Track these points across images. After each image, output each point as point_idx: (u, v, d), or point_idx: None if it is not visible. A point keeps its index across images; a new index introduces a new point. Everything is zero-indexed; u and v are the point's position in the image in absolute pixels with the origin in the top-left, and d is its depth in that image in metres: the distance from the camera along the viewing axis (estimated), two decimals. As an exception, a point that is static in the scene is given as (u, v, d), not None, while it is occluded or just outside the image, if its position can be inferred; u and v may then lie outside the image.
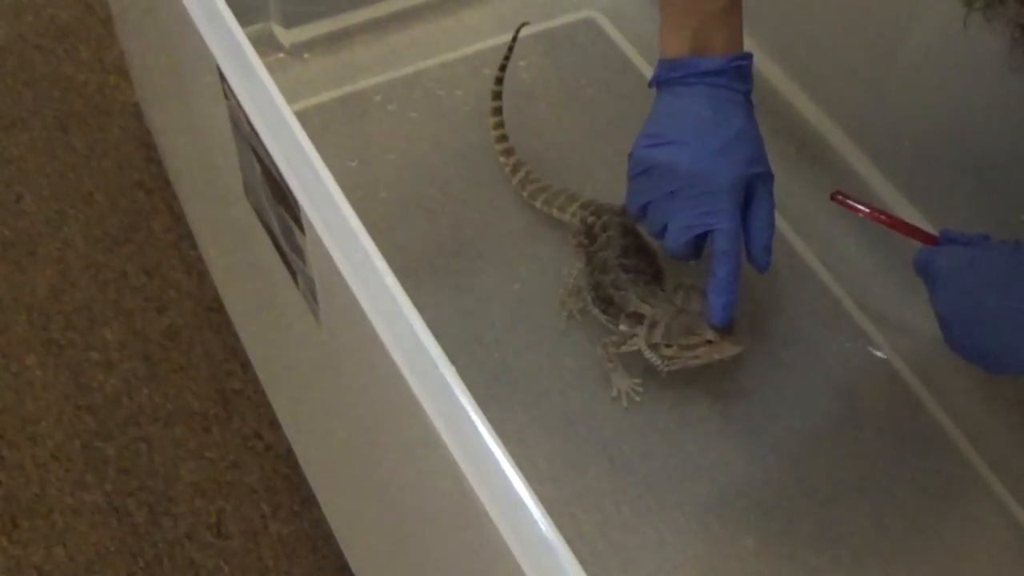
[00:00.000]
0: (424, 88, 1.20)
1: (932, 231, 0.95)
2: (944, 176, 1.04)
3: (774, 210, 0.93)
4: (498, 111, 1.11)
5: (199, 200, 1.24)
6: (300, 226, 0.69)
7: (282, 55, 1.23)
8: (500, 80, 1.10)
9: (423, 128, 1.16)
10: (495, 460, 0.56)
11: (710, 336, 0.90)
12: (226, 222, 1.04)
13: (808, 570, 0.89)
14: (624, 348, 0.95)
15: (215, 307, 1.30)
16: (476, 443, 0.56)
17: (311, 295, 0.75)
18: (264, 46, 1.22)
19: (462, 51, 1.23)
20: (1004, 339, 0.82)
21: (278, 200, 0.72)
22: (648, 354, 0.93)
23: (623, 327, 0.95)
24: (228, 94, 0.74)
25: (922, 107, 1.04)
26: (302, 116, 0.69)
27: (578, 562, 0.53)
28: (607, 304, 0.97)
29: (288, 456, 1.19)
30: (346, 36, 1.25)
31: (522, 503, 0.54)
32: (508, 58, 1.10)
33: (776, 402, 0.98)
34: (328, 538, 1.13)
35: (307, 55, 1.23)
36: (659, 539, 0.90)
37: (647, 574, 0.89)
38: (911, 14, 1.03)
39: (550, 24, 1.26)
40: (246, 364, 1.25)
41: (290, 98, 0.69)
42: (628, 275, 0.96)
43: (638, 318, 0.94)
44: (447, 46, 1.24)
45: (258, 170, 0.75)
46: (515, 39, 1.11)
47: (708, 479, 0.93)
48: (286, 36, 1.23)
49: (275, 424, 1.21)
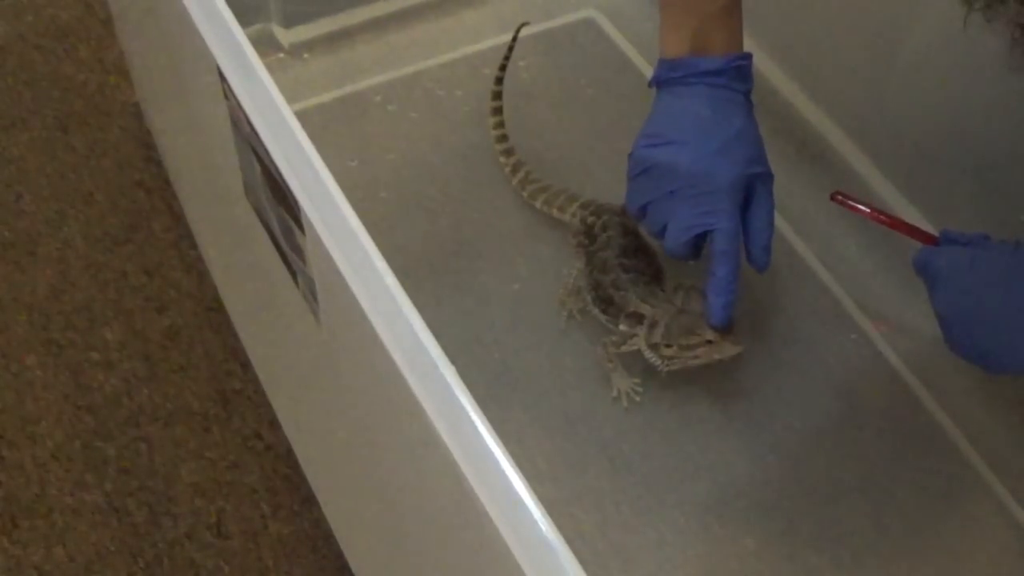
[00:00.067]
0: (424, 88, 1.20)
1: (932, 231, 0.95)
2: (944, 176, 1.04)
3: (774, 210, 0.93)
4: (498, 111, 1.11)
5: (199, 200, 1.24)
6: (300, 226, 0.69)
7: (282, 55, 1.23)
8: (500, 80, 1.10)
9: (423, 128, 1.16)
10: (495, 460, 0.56)
11: (710, 336, 0.90)
12: (226, 222, 1.04)
13: (808, 570, 0.89)
14: (624, 348, 0.95)
15: (215, 307, 1.30)
16: (476, 443, 0.56)
17: (311, 295, 0.75)
18: (264, 46, 1.22)
19: (462, 51, 1.23)
20: (1004, 339, 0.82)
21: (278, 200, 0.72)
22: (648, 354, 0.93)
23: (623, 327, 0.95)
24: (228, 94, 0.74)
25: (922, 107, 1.04)
26: (302, 116, 0.69)
27: (578, 562, 0.53)
28: (607, 304, 0.97)
29: (288, 456, 1.19)
30: (346, 36, 1.25)
31: (522, 503, 0.54)
32: (508, 58, 1.10)
33: (776, 402, 0.98)
34: (328, 538, 1.13)
35: (307, 55, 1.23)
36: (659, 539, 0.90)
37: (647, 574, 0.89)
38: (911, 14, 1.03)
39: (550, 24, 1.26)
40: (246, 364, 1.25)
41: (290, 98, 0.69)
42: (628, 275, 0.96)
43: (638, 318, 0.94)
44: (447, 46, 1.24)
45: (258, 170, 0.75)
46: (515, 39, 1.11)
47: (708, 479, 0.93)
48: (286, 36, 1.23)
49: (275, 424, 1.21)
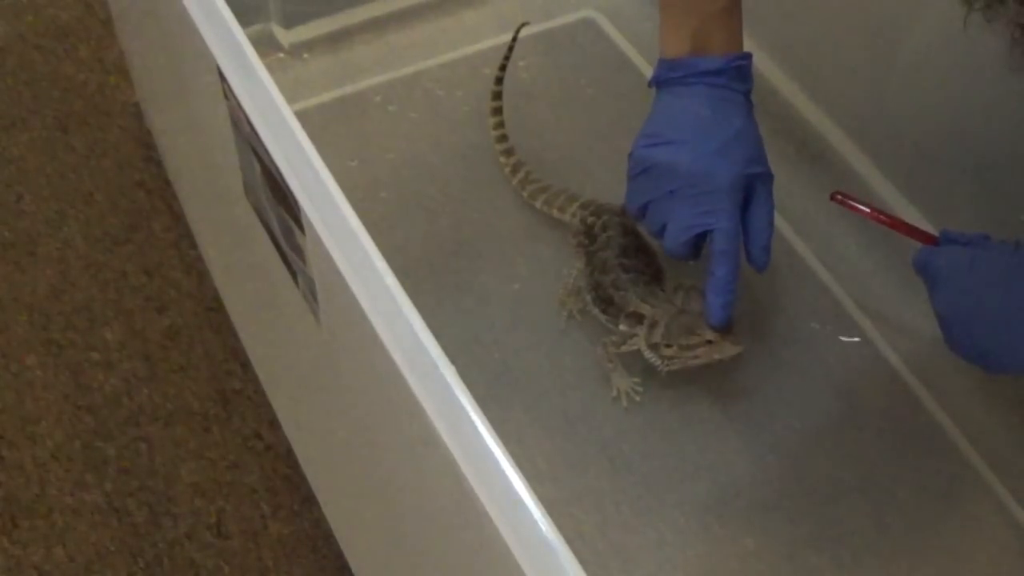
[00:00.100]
0: (424, 88, 1.20)
1: (932, 231, 0.95)
2: (944, 176, 1.04)
3: (773, 210, 0.93)
4: (498, 111, 1.11)
5: (199, 200, 1.24)
6: (300, 226, 0.69)
7: (282, 55, 1.23)
8: (500, 80, 1.10)
9: (423, 128, 1.16)
10: (495, 460, 0.56)
11: (710, 336, 0.90)
12: (226, 222, 1.04)
13: (808, 570, 0.89)
14: (624, 348, 0.95)
15: (215, 307, 1.30)
16: (476, 443, 0.56)
17: (311, 295, 0.75)
18: (264, 46, 1.22)
19: (462, 51, 1.23)
20: (1004, 339, 0.82)
21: (278, 200, 0.72)
22: (648, 354, 0.93)
23: (623, 327, 0.95)
24: (228, 94, 0.74)
25: (922, 107, 1.04)
26: (302, 116, 0.69)
27: (578, 562, 0.53)
28: (607, 304, 0.97)
29: (288, 456, 1.19)
30: (346, 36, 1.25)
31: (522, 503, 0.54)
32: (508, 58, 1.10)
33: (776, 402, 0.98)
34: (328, 538, 1.13)
35: (307, 55, 1.23)
36: (659, 539, 0.90)
37: (647, 574, 0.89)
38: (911, 14, 1.03)
39: (550, 24, 1.26)
40: (246, 364, 1.25)
41: (290, 98, 0.69)
42: (628, 275, 0.96)
43: (638, 318, 0.94)
44: (447, 46, 1.24)
45: (258, 170, 0.75)
46: (515, 39, 1.11)
47: (708, 479, 0.93)
48: (286, 36, 1.23)
49: (275, 424, 1.21)
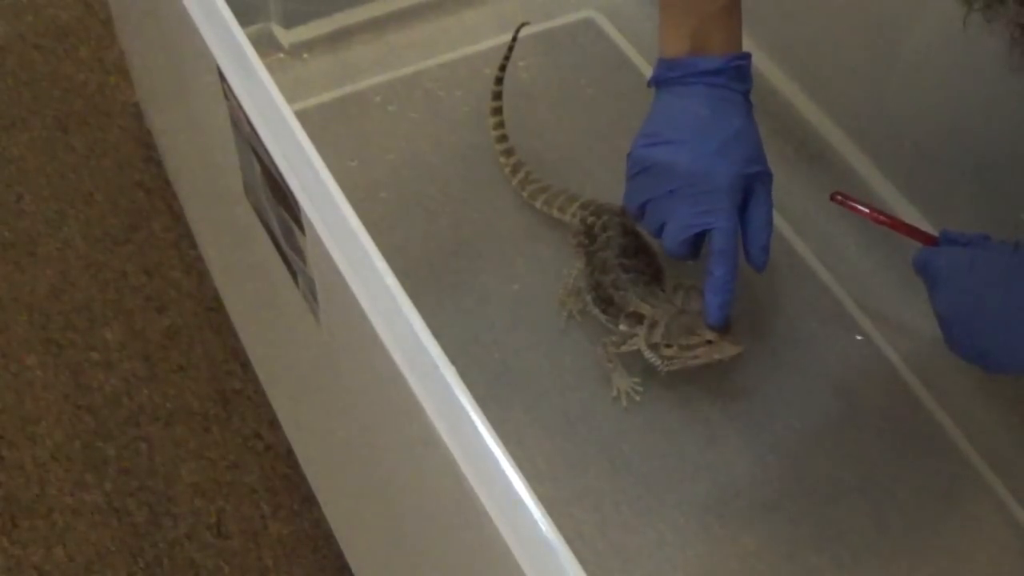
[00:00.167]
0: (424, 88, 1.20)
1: (932, 231, 0.95)
2: (944, 176, 1.04)
3: (772, 210, 0.93)
4: (498, 111, 1.11)
5: (199, 200, 1.24)
6: (300, 226, 0.69)
7: (282, 55, 1.23)
8: (500, 80, 1.10)
9: (423, 128, 1.16)
10: (495, 460, 0.56)
11: (710, 336, 0.90)
12: (226, 222, 1.04)
13: (808, 570, 0.89)
14: (624, 348, 0.95)
15: (215, 307, 1.30)
16: (476, 443, 0.56)
17: (311, 295, 0.75)
18: (264, 46, 1.22)
19: (462, 51, 1.23)
20: (1004, 339, 0.82)
21: (278, 200, 0.72)
22: (648, 354, 0.93)
23: (623, 327, 0.95)
24: (228, 94, 0.74)
25: (922, 107, 1.04)
26: (302, 116, 0.69)
27: (578, 562, 0.53)
28: (607, 304, 0.97)
29: (288, 456, 1.19)
30: (346, 36, 1.25)
31: (522, 503, 0.54)
32: (508, 58, 1.10)
33: (776, 402, 0.98)
34: (328, 538, 1.13)
35: (307, 55, 1.23)
36: (659, 539, 0.90)
37: (647, 574, 0.89)
38: (911, 14, 1.03)
39: (550, 24, 1.26)
40: (246, 364, 1.25)
41: (290, 98, 0.69)
42: (628, 275, 0.96)
43: (638, 318, 0.94)
44: (447, 46, 1.24)
45: (258, 170, 0.75)
46: (515, 39, 1.11)
47: (708, 479, 0.93)
48: (286, 36, 1.23)
49: (275, 424, 1.21)
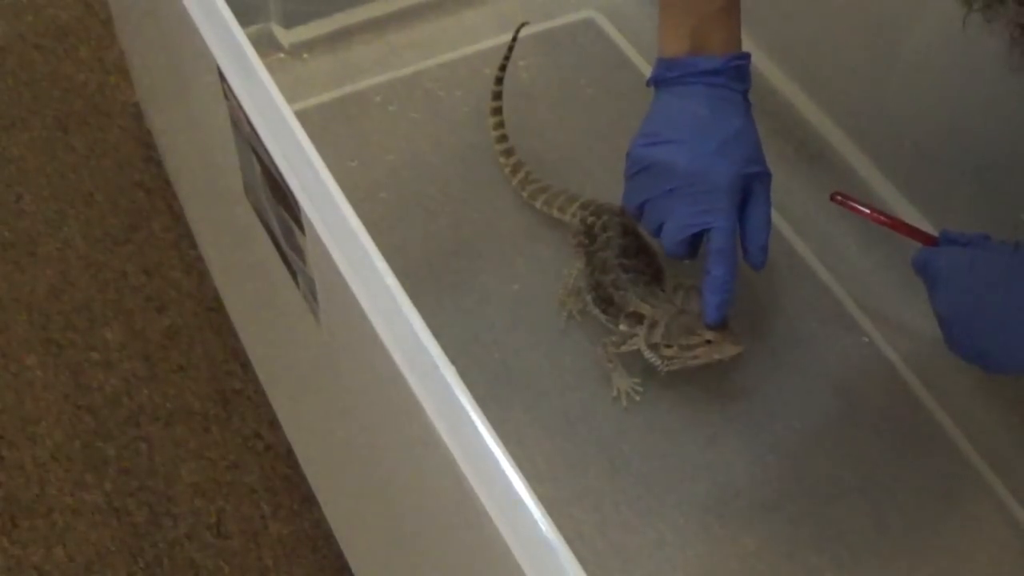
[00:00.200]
0: (424, 88, 1.20)
1: (932, 231, 0.95)
2: (944, 176, 1.04)
3: (771, 209, 0.93)
4: (498, 111, 1.11)
5: (199, 200, 1.24)
6: (300, 226, 0.69)
7: (282, 55, 1.23)
8: (500, 80, 1.10)
9: (423, 128, 1.16)
10: (495, 460, 0.56)
11: (710, 336, 0.90)
12: (226, 222, 1.04)
13: (808, 570, 0.89)
14: (624, 348, 0.95)
15: (215, 307, 1.30)
16: (476, 443, 0.56)
17: (311, 295, 0.75)
18: (264, 46, 1.22)
19: (462, 51, 1.23)
20: (1003, 339, 0.82)
21: (278, 200, 0.72)
22: (648, 354, 0.93)
23: (623, 327, 0.95)
24: (228, 94, 0.74)
25: (922, 107, 1.04)
26: (302, 116, 0.69)
27: (578, 562, 0.53)
28: (607, 304, 0.97)
29: (288, 456, 1.19)
30: (346, 36, 1.25)
31: (522, 503, 0.54)
32: (508, 58, 1.10)
33: (776, 402, 0.98)
34: (328, 538, 1.13)
35: (307, 55, 1.23)
36: (659, 539, 0.90)
37: (647, 574, 0.89)
38: (911, 14, 1.03)
39: (550, 24, 1.26)
40: (246, 364, 1.25)
41: (290, 98, 0.69)
42: (628, 275, 0.96)
43: (638, 318, 0.94)
44: (447, 46, 1.24)
45: (258, 170, 0.75)
46: (515, 39, 1.11)
47: (708, 479, 0.93)
48: (286, 36, 1.23)
49: (275, 424, 1.21)
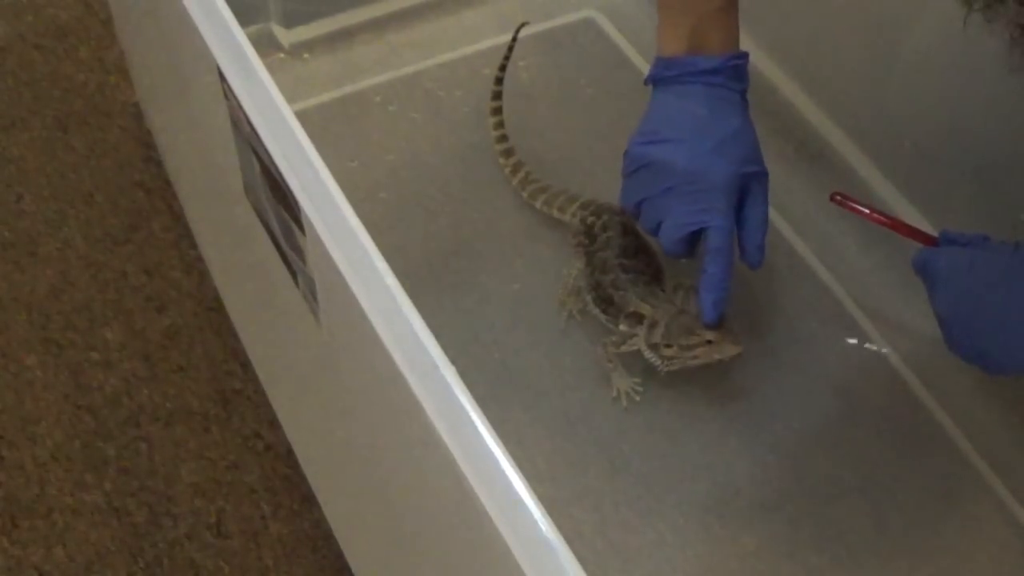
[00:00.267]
0: (424, 88, 1.20)
1: (932, 231, 0.95)
2: (944, 176, 1.04)
3: (768, 209, 0.93)
4: (498, 111, 1.11)
5: (199, 200, 1.24)
6: (300, 226, 0.69)
7: (282, 55, 1.23)
8: (500, 80, 1.10)
9: (423, 128, 1.16)
10: (495, 460, 0.56)
11: (710, 336, 0.90)
12: (226, 222, 1.04)
13: (808, 570, 0.89)
14: (624, 348, 0.95)
15: (215, 307, 1.30)
16: (476, 443, 0.56)
17: (311, 295, 0.75)
18: (264, 46, 1.22)
19: (462, 51, 1.23)
20: (1003, 340, 0.82)
21: (278, 200, 0.72)
22: (648, 354, 0.93)
23: (623, 327, 0.95)
24: (228, 94, 0.74)
25: (922, 107, 1.04)
26: (302, 116, 0.69)
27: (578, 562, 0.53)
28: (607, 304, 0.97)
29: (288, 456, 1.19)
30: (346, 36, 1.25)
31: (522, 503, 0.54)
32: (508, 58, 1.10)
33: (776, 402, 0.98)
34: (328, 538, 1.13)
35: (307, 55, 1.23)
36: (659, 539, 0.90)
37: (647, 574, 0.89)
38: (911, 14, 1.03)
39: (550, 24, 1.26)
40: (246, 364, 1.25)
41: (290, 98, 0.69)
42: (628, 275, 0.96)
43: (638, 318, 0.94)
44: (447, 46, 1.24)
45: (258, 170, 0.75)
46: (515, 39, 1.11)
47: (708, 479, 0.93)
48: (286, 36, 1.23)
49: (275, 424, 1.21)
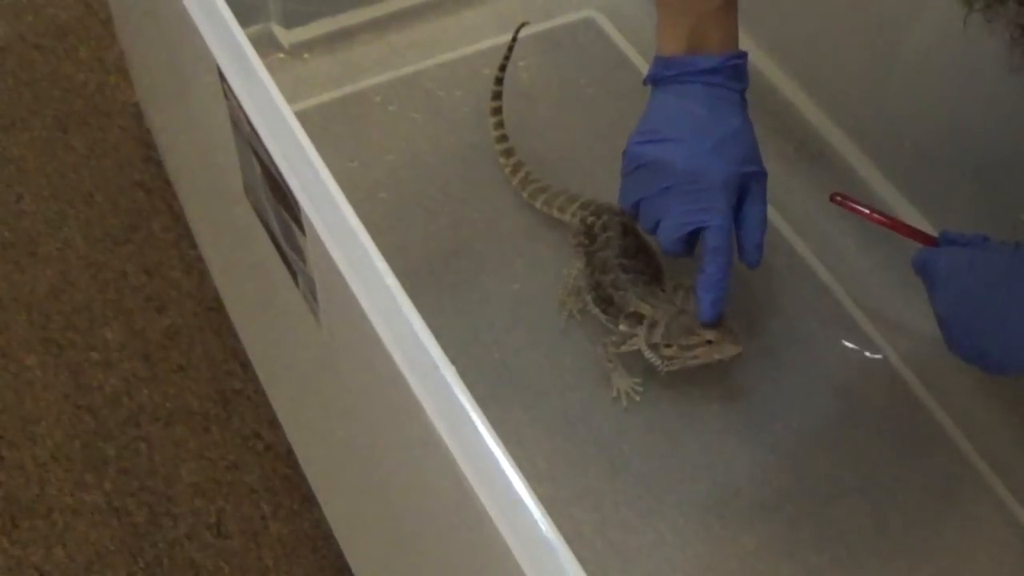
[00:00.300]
0: (424, 88, 1.20)
1: (932, 232, 0.95)
2: (944, 176, 1.04)
3: (766, 208, 0.93)
4: (498, 111, 1.11)
5: (199, 200, 1.24)
6: (300, 226, 0.69)
7: (282, 55, 1.23)
8: (500, 80, 1.10)
9: (423, 128, 1.16)
10: (495, 460, 0.56)
11: (710, 336, 0.90)
12: (226, 222, 1.04)
13: (808, 570, 0.89)
14: (624, 348, 0.95)
15: (215, 307, 1.30)
16: (476, 443, 0.56)
17: (311, 295, 0.75)
18: (264, 46, 1.22)
19: (462, 51, 1.23)
20: (1003, 340, 0.82)
21: (278, 200, 0.72)
22: (648, 354, 0.93)
23: (623, 327, 0.95)
24: (228, 94, 0.74)
25: (922, 107, 1.04)
26: (302, 116, 0.69)
27: (578, 562, 0.53)
28: (607, 304, 0.97)
29: (288, 456, 1.19)
30: (346, 36, 1.25)
31: (522, 503, 0.54)
32: (508, 58, 1.10)
33: (776, 402, 0.98)
34: (328, 538, 1.13)
35: (307, 55, 1.23)
36: (659, 539, 0.90)
37: (646, 574, 0.89)
38: (911, 14, 1.03)
39: (550, 24, 1.26)
40: (246, 364, 1.25)
41: (290, 98, 0.69)
42: (628, 275, 0.96)
43: (638, 318, 0.94)
44: (447, 46, 1.24)
45: (258, 170, 0.75)
46: (515, 39, 1.11)
47: (708, 479, 0.93)
48: (286, 36, 1.23)
49: (275, 424, 1.21)
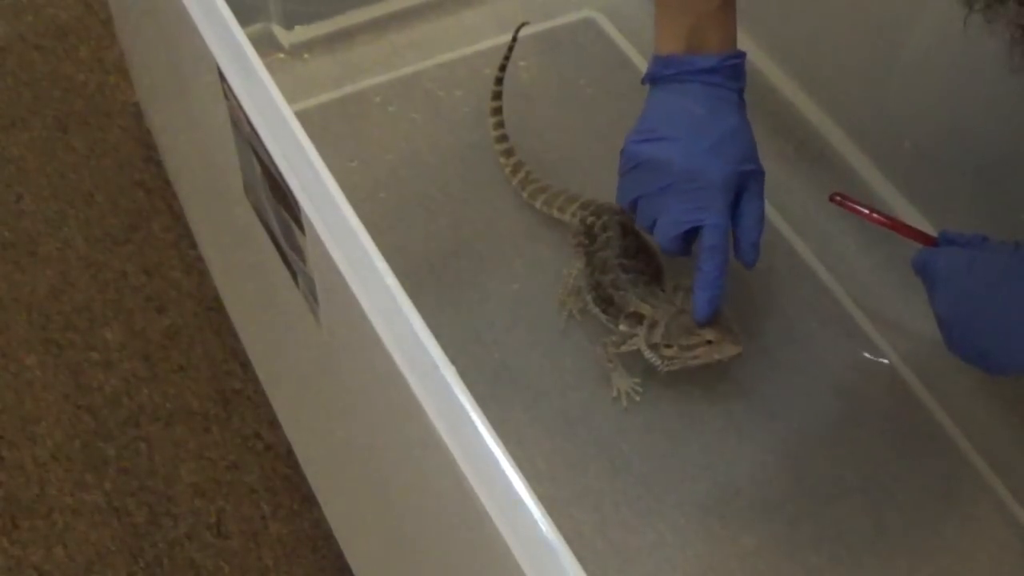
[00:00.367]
0: (424, 88, 1.20)
1: (932, 232, 0.95)
2: (944, 176, 1.04)
3: (764, 207, 0.93)
4: (498, 111, 1.11)
5: (199, 200, 1.24)
6: (300, 226, 0.69)
7: (282, 55, 1.23)
8: (500, 80, 1.10)
9: (423, 128, 1.16)
10: (495, 460, 0.56)
11: (710, 336, 0.90)
12: (226, 222, 1.04)
13: (808, 570, 0.89)
14: (624, 348, 0.95)
15: (215, 307, 1.30)
16: (476, 443, 0.56)
17: (311, 295, 0.75)
18: (264, 46, 1.22)
19: (462, 51, 1.23)
20: (1003, 340, 0.82)
21: (278, 200, 0.72)
22: (648, 354, 0.93)
23: (623, 327, 0.95)
24: (228, 94, 0.74)
25: (922, 107, 1.04)
26: (302, 116, 0.69)
27: (578, 562, 0.53)
28: (607, 304, 0.97)
29: (288, 456, 1.19)
30: (346, 36, 1.25)
31: (522, 503, 0.54)
32: (508, 58, 1.10)
33: (776, 402, 0.98)
34: (328, 538, 1.13)
35: (307, 55, 1.23)
36: (659, 539, 0.90)
37: (646, 574, 0.89)
38: (911, 14, 1.03)
39: (550, 24, 1.26)
40: (246, 364, 1.25)
41: (290, 98, 0.69)
42: (628, 275, 0.96)
43: (638, 318, 0.94)
44: (447, 46, 1.24)
45: (258, 170, 0.75)
46: (515, 39, 1.11)
47: (708, 479, 0.93)
48: (286, 36, 1.23)
49: (275, 424, 1.21)
